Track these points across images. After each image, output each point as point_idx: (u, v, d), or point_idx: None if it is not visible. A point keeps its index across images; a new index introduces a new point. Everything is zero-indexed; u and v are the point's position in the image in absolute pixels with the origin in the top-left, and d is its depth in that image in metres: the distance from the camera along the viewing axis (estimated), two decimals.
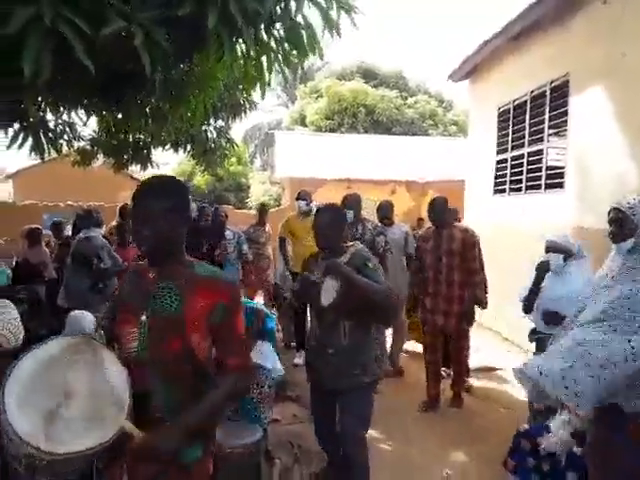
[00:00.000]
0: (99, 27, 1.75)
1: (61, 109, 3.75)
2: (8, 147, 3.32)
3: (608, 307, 1.90)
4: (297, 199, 5.64)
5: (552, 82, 5.90)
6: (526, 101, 6.54)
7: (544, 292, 3.31)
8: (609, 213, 2.11)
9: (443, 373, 4.80)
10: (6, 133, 3.35)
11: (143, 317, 1.59)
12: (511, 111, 6.99)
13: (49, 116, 3.82)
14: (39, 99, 3.12)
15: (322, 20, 2.08)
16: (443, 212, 4.30)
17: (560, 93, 5.77)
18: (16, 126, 3.34)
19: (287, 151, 14.27)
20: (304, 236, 5.27)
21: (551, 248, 3.32)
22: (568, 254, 3.23)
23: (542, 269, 3.35)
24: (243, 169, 22.05)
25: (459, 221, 4.84)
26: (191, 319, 1.57)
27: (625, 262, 2.01)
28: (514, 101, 6.87)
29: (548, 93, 5.99)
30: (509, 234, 6.69)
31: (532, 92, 6.37)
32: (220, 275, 1.69)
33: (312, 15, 2.20)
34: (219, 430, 2.95)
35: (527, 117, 6.53)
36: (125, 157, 6.05)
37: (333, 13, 2.15)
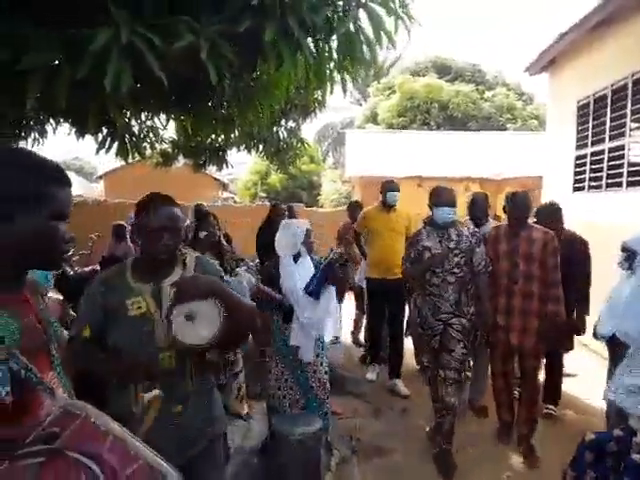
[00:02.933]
0: (171, 41, 1.93)
1: (143, 115, 4.08)
2: (97, 152, 3.69)
3: None
4: (388, 190, 4.91)
5: (634, 74, 5.56)
6: (607, 94, 6.21)
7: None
8: None
9: (516, 393, 4.09)
10: (96, 139, 3.71)
11: (54, 352, 1.13)
12: (591, 105, 6.65)
13: (133, 121, 4.16)
14: (123, 108, 3.41)
15: (375, 31, 2.15)
16: (527, 209, 3.66)
17: None
18: (104, 131, 3.69)
19: (357, 150, 14.34)
20: (383, 232, 4.90)
21: (623, 247, 3.18)
22: (632, 254, 3.03)
23: None
24: (316, 167, 22.37)
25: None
26: None
27: None
28: (594, 94, 6.54)
29: (630, 85, 5.66)
30: (588, 233, 6.37)
31: (613, 85, 6.03)
32: None
33: (369, 25, 2.28)
34: (280, 418, 3.12)
35: (608, 111, 6.20)
36: (203, 158, 6.44)
37: (389, 23, 2.22)
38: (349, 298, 6.61)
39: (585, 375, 5.17)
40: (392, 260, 4.69)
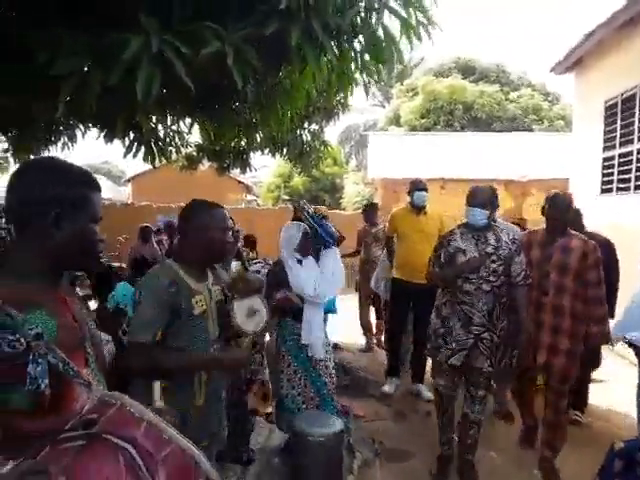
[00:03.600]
0: (198, 48, 1.97)
1: (169, 120, 4.16)
2: (124, 156, 3.78)
3: None
4: (415, 190, 4.75)
5: None
6: (635, 94, 6.08)
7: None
8: None
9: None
10: (124, 143, 3.80)
11: (89, 350, 1.19)
12: (619, 105, 6.53)
13: (159, 126, 4.24)
14: (149, 113, 3.48)
15: (402, 30, 2.15)
16: (565, 210, 3.32)
17: None
18: (131, 136, 3.78)
19: (380, 152, 14.28)
20: (411, 234, 4.75)
21: None
22: None
23: None
24: (338, 170, 22.38)
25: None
26: None
27: None
28: (622, 94, 6.41)
29: None
30: (616, 236, 6.24)
31: None
32: None
33: (393, 24, 2.29)
34: (302, 419, 3.13)
35: (637, 111, 6.08)
36: (227, 161, 6.51)
37: (413, 22, 2.22)
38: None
39: (613, 381, 5.07)
40: (420, 263, 4.21)
